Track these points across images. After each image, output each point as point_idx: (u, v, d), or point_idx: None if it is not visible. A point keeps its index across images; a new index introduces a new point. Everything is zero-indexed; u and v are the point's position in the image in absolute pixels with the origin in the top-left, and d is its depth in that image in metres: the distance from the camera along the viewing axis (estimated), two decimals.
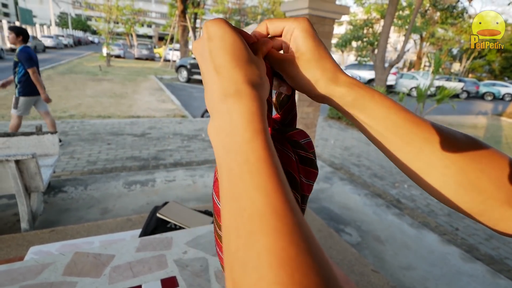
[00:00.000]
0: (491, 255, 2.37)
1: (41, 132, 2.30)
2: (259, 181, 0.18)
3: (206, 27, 0.25)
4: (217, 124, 0.22)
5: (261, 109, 0.22)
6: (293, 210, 0.18)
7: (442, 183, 0.28)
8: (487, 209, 0.27)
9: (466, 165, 0.27)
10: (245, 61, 0.24)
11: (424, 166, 0.28)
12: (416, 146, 0.28)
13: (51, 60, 14.11)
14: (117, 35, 23.56)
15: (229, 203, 0.19)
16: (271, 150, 0.20)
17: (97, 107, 6.02)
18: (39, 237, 1.79)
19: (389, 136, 0.29)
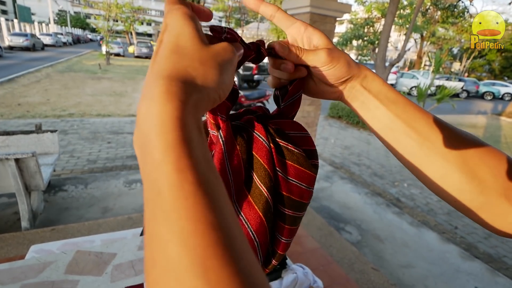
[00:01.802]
0: (489, 253, 2.38)
1: (41, 131, 2.29)
2: (173, 221, 0.13)
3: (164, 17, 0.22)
4: (135, 137, 0.17)
5: (178, 112, 0.16)
6: (226, 255, 0.13)
7: (444, 171, 0.29)
8: (485, 201, 0.28)
9: (467, 152, 0.28)
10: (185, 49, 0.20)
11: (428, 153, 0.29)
12: (422, 132, 0.29)
13: (50, 58, 14.07)
14: (116, 33, 23.48)
15: (146, 252, 0.14)
16: (194, 170, 0.15)
17: (97, 106, 6.01)
18: (39, 235, 1.79)
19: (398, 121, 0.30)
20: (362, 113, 0.33)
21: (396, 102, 0.31)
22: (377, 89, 0.31)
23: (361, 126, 6.40)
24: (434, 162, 0.29)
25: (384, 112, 0.31)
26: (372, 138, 5.65)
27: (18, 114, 4.90)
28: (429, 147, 0.29)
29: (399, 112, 0.30)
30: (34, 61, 12.43)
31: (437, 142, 0.29)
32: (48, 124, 4.37)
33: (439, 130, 0.29)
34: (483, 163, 0.28)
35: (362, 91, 0.32)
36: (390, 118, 0.31)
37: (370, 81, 0.32)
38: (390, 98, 0.31)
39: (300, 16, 2.51)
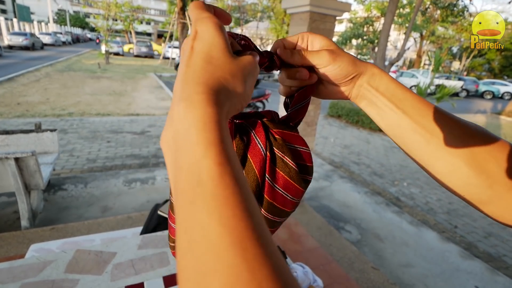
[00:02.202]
0: (489, 252, 2.38)
1: (41, 130, 2.29)
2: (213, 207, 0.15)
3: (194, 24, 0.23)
4: (169, 134, 0.19)
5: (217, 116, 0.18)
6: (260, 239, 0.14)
7: (453, 166, 0.29)
8: (494, 195, 0.28)
9: (476, 146, 0.28)
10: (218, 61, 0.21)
11: (437, 149, 0.29)
12: (431, 128, 0.30)
13: (49, 58, 14.04)
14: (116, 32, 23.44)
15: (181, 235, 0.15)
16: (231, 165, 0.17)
17: (96, 105, 6.00)
18: (39, 235, 1.79)
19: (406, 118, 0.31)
20: (370, 111, 0.33)
21: (403, 98, 0.31)
22: (385, 86, 0.32)
23: (361, 125, 6.40)
24: (442, 157, 0.29)
25: (391, 109, 0.31)
26: (372, 137, 5.65)
27: (17, 113, 4.89)
28: (437, 143, 0.29)
29: (406, 109, 0.31)
30: (34, 60, 12.40)
31: (445, 138, 0.29)
32: (48, 123, 4.36)
33: (447, 125, 0.29)
34: (491, 156, 0.28)
35: (369, 89, 0.32)
36: (398, 115, 0.31)
37: (378, 79, 0.32)
38: (397, 95, 0.31)
39: (300, 15, 2.50)
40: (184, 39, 7.58)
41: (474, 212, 3.03)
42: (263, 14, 24.54)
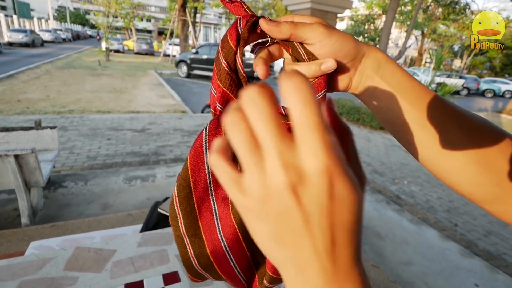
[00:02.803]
0: (489, 250, 2.38)
1: (40, 127, 2.28)
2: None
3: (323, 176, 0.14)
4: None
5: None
6: None
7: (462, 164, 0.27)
8: (501, 193, 0.27)
9: (485, 143, 0.27)
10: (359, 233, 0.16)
11: (445, 145, 0.27)
12: (438, 122, 0.27)
13: (49, 55, 14.01)
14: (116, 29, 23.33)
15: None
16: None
17: (97, 102, 6.00)
18: (39, 232, 1.79)
19: (413, 111, 0.27)
20: (372, 102, 0.29)
21: (410, 89, 0.28)
22: (390, 74, 0.28)
23: (361, 123, 6.39)
24: (450, 155, 0.27)
25: (397, 101, 0.28)
26: (372, 135, 5.65)
27: (17, 111, 4.89)
28: (446, 140, 0.27)
29: (413, 101, 0.27)
30: (34, 57, 12.38)
31: (454, 135, 0.27)
32: (48, 121, 4.36)
33: (456, 120, 0.27)
34: (501, 154, 0.26)
35: (373, 77, 0.28)
36: (403, 108, 0.28)
37: (383, 65, 0.28)
38: (404, 85, 0.28)
39: (301, 12, 2.49)
40: (184, 36, 7.53)
41: (474, 210, 3.03)
42: (264, 11, 24.42)
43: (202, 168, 0.27)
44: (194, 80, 10.90)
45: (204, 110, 5.84)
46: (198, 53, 10.94)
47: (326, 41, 0.26)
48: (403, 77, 0.28)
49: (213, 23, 38.64)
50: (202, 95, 8.02)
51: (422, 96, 0.28)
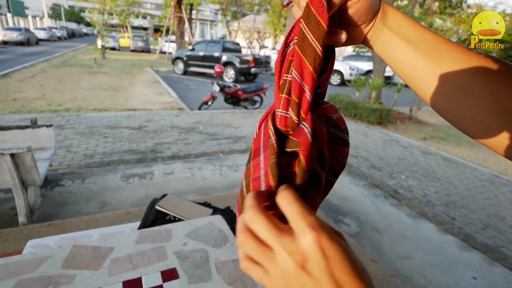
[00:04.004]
0: (487, 243, 2.40)
1: (37, 126, 2.26)
2: None
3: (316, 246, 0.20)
4: None
5: None
6: None
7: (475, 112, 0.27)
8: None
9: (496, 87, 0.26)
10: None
11: (454, 91, 0.27)
12: (446, 67, 0.27)
13: (44, 53, 13.87)
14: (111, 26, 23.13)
15: None
16: None
17: (93, 100, 5.95)
18: (37, 230, 1.78)
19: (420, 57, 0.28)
20: (383, 53, 0.30)
21: (419, 36, 0.28)
22: (398, 24, 0.29)
23: (359, 118, 6.39)
24: (461, 101, 0.27)
25: (404, 49, 0.28)
26: (370, 130, 5.65)
27: (13, 109, 4.84)
28: (455, 85, 0.27)
29: (421, 47, 0.28)
30: (29, 56, 12.25)
31: (464, 79, 0.26)
32: (44, 119, 4.32)
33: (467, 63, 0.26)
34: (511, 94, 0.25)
35: (382, 29, 0.29)
36: (411, 55, 0.28)
37: (390, 17, 0.29)
38: (412, 33, 0.28)
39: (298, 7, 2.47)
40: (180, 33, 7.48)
41: (472, 204, 3.05)
42: (260, 7, 24.26)
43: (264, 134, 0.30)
44: (190, 77, 10.84)
45: (201, 107, 5.82)
46: (194, 50, 10.86)
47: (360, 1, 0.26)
48: (410, 26, 0.28)
49: (209, 19, 38.36)
50: (199, 92, 7.98)
51: (429, 42, 0.28)
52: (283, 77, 0.27)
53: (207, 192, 2.67)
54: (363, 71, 15.13)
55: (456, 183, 3.56)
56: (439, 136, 5.78)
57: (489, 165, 4.34)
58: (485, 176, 3.86)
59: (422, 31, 0.28)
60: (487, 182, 3.69)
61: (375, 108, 6.15)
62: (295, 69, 0.26)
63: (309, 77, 0.25)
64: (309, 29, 0.24)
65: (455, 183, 3.55)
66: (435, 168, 4.01)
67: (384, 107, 6.35)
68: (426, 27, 0.29)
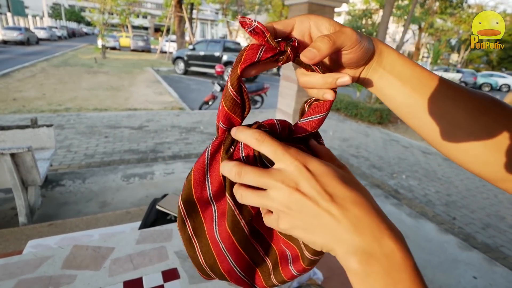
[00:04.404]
0: (487, 243, 2.40)
1: (37, 125, 2.26)
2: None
3: (301, 164, 0.23)
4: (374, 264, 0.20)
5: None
6: None
7: (468, 145, 0.28)
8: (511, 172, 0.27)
9: (491, 124, 0.27)
10: None
11: (449, 127, 0.28)
12: (442, 105, 0.28)
13: (45, 52, 13.86)
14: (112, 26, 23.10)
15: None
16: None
17: (93, 100, 5.95)
18: (37, 231, 1.78)
19: (415, 96, 0.29)
20: (378, 92, 0.31)
21: (412, 76, 0.29)
22: (392, 64, 0.29)
23: (359, 118, 6.38)
24: (457, 136, 0.28)
25: (399, 88, 0.29)
26: (370, 130, 5.65)
27: (13, 109, 4.84)
28: (451, 122, 0.28)
29: (416, 87, 0.28)
30: (29, 55, 12.25)
31: (458, 116, 0.27)
32: (44, 119, 4.32)
33: (461, 102, 0.28)
34: (508, 131, 0.27)
35: (377, 68, 0.29)
36: (406, 94, 0.29)
37: (385, 56, 0.29)
38: (405, 72, 0.29)
39: (299, 6, 2.46)
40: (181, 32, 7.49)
41: (472, 203, 3.05)
42: (261, 7, 24.23)
43: (204, 184, 0.29)
44: (191, 76, 10.84)
45: (202, 106, 5.81)
46: (195, 50, 10.85)
47: (357, 47, 0.26)
48: (405, 65, 0.29)
49: (210, 19, 38.33)
50: (199, 92, 7.98)
51: (424, 81, 0.28)
52: None
53: None
54: None
55: (457, 183, 3.55)
56: None
57: None
58: None
59: (417, 70, 0.29)
60: (487, 182, 3.68)
61: (376, 108, 6.15)
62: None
63: (222, 111, 0.27)
64: (231, 73, 0.26)
65: (455, 183, 3.55)
66: (436, 168, 4.00)
67: (385, 107, 6.34)
68: (419, 65, 0.29)
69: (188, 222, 0.30)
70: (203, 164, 0.29)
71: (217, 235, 0.29)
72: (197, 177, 0.29)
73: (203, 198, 0.29)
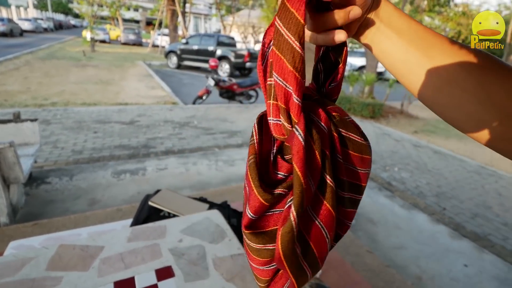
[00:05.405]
0: (476, 232, 2.45)
1: (20, 120, 2.17)
2: None
3: None
4: None
5: None
6: None
7: (461, 100, 0.27)
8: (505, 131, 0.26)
9: (485, 78, 0.26)
10: None
11: (444, 83, 0.27)
12: (438, 60, 0.27)
13: (29, 45, 13.38)
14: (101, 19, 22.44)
15: None
16: None
17: (82, 94, 5.78)
18: (20, 231, 1.70)
19: (411, 51, 0.28)
20: (374, 45, 0.30)
21: (409, 29, 0.28)
22: (389, 15, 0.28)
23: (352, 112, 6.41)
24: (451, 93, 0.27)
25: (396, 42, 0.28)
26: (363, 124, 5.68)
27: None
28: (446, 78, 0.27)
29: (412, 41, 0.28)
30: (12, 47, 11.79)
31: (454, 72, 0.26)
32: (29, 114, 4.17)
33: (457, 56, 0.27)
34: (502, 88, 0.25)
35: (374, 20, 0.29)
36: (403, 48, 0.28)
37: (382, 8, 0.28)
38: (403, 25, 0.28)
39: None
40: (173, 26, 7.40)
41: (461, 194, 3.11)
42: (255, 2, 23.89)
43: (305, 179, 0.24)
44: (184, 71, 10.65)
45: (196, 101, 5.72)
46: (188, 44, 10.65)
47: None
48: (401, 18, 0.28)
49: (203, 13, 37.65)
50: (193, 86, 7.85)
51: (421, 34, 0.28)
52: (267, 81, 0.25)
53: (203, 188, 2.63)
54: (356, 66, 15.21)
55: (446, 175, 3.61)
56: (429, 130, 5.86)
57: (476, 157, 4.42)
58: (472, 168, 3.93)
59: (413, 24, 0.28)
60: (475, 173, 3.76)
61: (368, 102, 6.19)
62: (276, 72, 0.23)
63: (292, 78, 0.23)
64: (285, 26, 0.22)
65: (445, 175, 3.60)
66: (426, 160, 4.06)
67: (377, 102, 6.39)
68: (414, 19, 0.29)
69: (299, 248, 0.24)
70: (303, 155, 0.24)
71: (319, 223, 0.25)
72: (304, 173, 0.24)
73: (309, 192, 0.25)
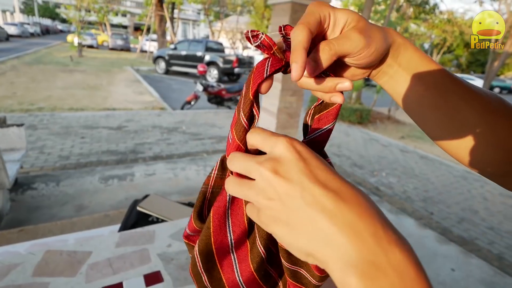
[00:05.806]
0: (463, 236, 2.51)
1: (5, 125, 2.11)
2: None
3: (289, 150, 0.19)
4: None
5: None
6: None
7: (472, 143, 0.28)
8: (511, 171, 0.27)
9: (497, 123, 0.27)
10: None
11: (457, 125, 0.28)
12: (452, 104, 0.27)
13: (15, 50, 13.10)
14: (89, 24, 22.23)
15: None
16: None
17: (69, 100, 5.68)
18: (5, 237, 1.65)
19: (428, 96, 0.28)
20: (389, 88, 0.29)
21: (426, 73, 0.28)
22: (407, 60, 0.28)
23: (340, 118, 6.52)
24: (462, 135, 0.28)
25: (413, 87, 0.28)
26: (351, 130, 5.78)
27: None
28: (458, 120, 0.27)
29: (428, 85, 0.27)
30: None
31: (466, 115, 0.27)
32: (15, 119, 4.06)
33: (470, 101, 0.27)
34: None
35: (392, 64, 0.28)
36: (419, 93, 0.28)
37: (402, 52, 0.27)
38: (421, 70, 0.28)
39: (282, 6, 2.47)
40: (162, 32, 7.39)
41: (448, 199, 3.19)
42: (243, 8, 24.22)
43: (225, 231, 0.27)
44: (172, 76, 10.62)
45: (184, 106, 5.70)
46: (176, 49, 10.66)
47: (364, 53, 0.24)
48: (420, 62, 0.28)
49: (192, 19, 37.85)
50: (181, 92, 7.83)
51: (437, 79, 0.28)
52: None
53: (191, 193, 2.61)
54: None
55: (433, 180, 3.70)
56: (416, 135, 6.01)
57: None
58: (459, 173, 4.04)
59: (431, 67, 0.28)
60: (461, 178, 3.87)
61: (356, 108, 6.31)
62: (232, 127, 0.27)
63: (233, 143, 0.25)
64: (243, 99, 0.25)
65: (432, 180, 3.70)
66: (413, 165, 4.15)
67: (364, 107, 6.53)
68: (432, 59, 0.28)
69: (204, 276, 0.29)
70: (224, 209, 0.27)
71: (239, 280, 0.28)
72: (217, 224, 0.27)
73: (223, 247, 0.27)
